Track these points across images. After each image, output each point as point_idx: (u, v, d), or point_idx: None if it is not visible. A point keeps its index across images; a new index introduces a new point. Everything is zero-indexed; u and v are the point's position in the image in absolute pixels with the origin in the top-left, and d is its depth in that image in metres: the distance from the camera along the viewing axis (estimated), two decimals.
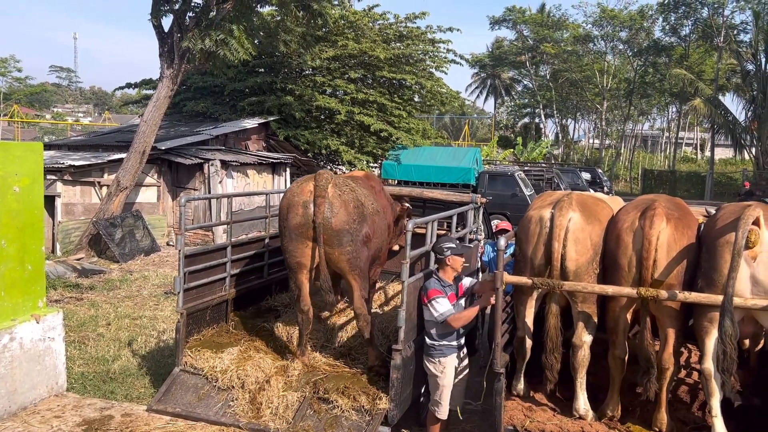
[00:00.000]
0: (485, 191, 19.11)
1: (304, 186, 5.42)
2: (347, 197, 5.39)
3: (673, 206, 4.76)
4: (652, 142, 62.49)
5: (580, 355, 4.83)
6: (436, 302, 4.81)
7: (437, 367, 4.93)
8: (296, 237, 5.37)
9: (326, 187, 5.29)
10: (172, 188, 15.58)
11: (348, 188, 5.48)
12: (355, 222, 5.35)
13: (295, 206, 5.35)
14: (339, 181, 5.48)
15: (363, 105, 20.08)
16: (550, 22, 47.25)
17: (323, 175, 5.45)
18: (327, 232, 5.23)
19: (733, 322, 4.05)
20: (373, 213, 5.75)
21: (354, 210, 5.38)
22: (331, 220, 5.24)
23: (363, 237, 5.43)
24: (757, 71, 33.83)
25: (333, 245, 5.29)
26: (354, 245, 5.35)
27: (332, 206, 5.26)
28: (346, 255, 5.33)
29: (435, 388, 4.99)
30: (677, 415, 4.92)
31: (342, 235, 5.29)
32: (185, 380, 5.59)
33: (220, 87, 19.95)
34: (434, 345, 4.93)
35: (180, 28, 13.13)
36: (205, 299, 6.05)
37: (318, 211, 5.19)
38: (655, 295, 4.33)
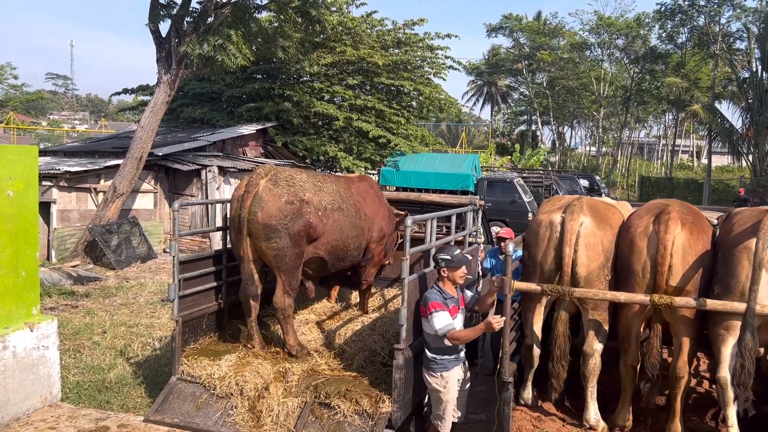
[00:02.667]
0: (484, 197, 19.00)
1: (244, 181, 5.60)
2: (280, 191, 5.41)
3: (686, 211, 4.65)
4: (648, 149, 62.58)
5: (591, 364, 4.70)
6: (435, 316, 4.57)
7: (440, 381, 4.73)
8: (233, 230, 5.63)
9: (257, 182, 5.41)
10: (169, 195, 15.43)
11: (286, 182, 5.49)
12: (285, 218, 5.37)
13: (233, 200, 5.61)
14: (278, 176, 5.53)
15: (361, 111, 19.97)
16: (546, 30, 47.35)
17: (258, 170, 5.60)
18: (253, 225, 5.36)
19: (754, 335, 3.93)
20: (331, 210, 5.74)
21: (286, 205, 5.38)
22: (258, 214, 5.32)
23: (295, 233, 5.42)
24: (753, 79, 33.92)
25: (260, 239, 5.41)
26: (282, 241, 5.38)
27: (260, 201, 5.34)
28: (272, 251, 5.42)
29: (438, 403, 4.80)
30: (690, 425, 4.79)
31: (269, 230, 5.35)
32: (183, 389, 5.43)
33: (218, 93, 19.84)
34: (435, 359, 4.72)
35: (178, 34, 13.02)
36: (201, 307, 5.90)
37: (244, 205, 5.35)
38: (669, 303, 4.20)
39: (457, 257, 4.70)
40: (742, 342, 3.96)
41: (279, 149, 19.10)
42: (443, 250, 4.84)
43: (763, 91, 32.16)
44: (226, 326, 6.31)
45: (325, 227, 5.71)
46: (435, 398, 4.83)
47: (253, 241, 5.46)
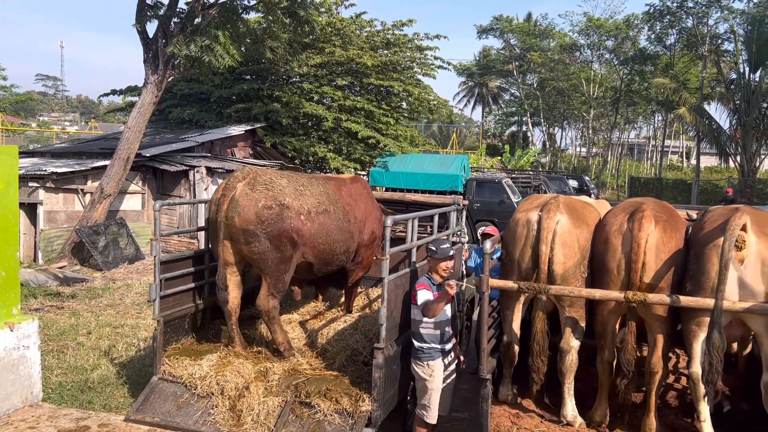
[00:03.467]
0: (473, 198, 19.11)
1: (222, 184, 5.57)
2: (257, 196, 5.36)
3: (660, 209, 4.71)
4: (638, 150, 62.92)
5: (568, 360, 4.75)
6: (419, 293, 4.78)
7: (426, 370, 4.84)
8: (212, 233, 5.61)
9: (234, 185, 5.38)
10: (157, 195, 15.39)
11: (264, 186, 5.42)
12: (263, 222, 5.32)
13: (211, 203, 5.60)
14: (257, 179, 5.48)
15: (350, 112, 20.00)
16: (536, 31, 47.56)
17: (237, 172, 5.57)
18: (231, 230, 5.34)
19: (721, 334, 4.00)
20: (316, 213, 5.69)
21: (264, 209, 5.33)
22: (234, 218, 5.30)
23: (275, 238, 5.37)
24: (740, 80, 34.19)
25: (240, 243, 5.39)
26: (262, 245, 5.34)
27: (237, 205, 5.30)
28: (253, 255, 5.40)
29: (423, 392, 4.89)
30: (666, 420, 4.85)
31: (247, 235, 5.32)
32: (164, 388, 5.44)
33: (207, 94, 19.81)
34: (422, 348, 4.84)
35: (165, 34, 13.02)
36: (183, 307, 5.91)
37: (220, 209, 5.34)
38: (643, 299, 4.25)
39: (441, 250, 4.86)
40: (710, 340, 4.02)
41: (268, 150, 19.10)
42: (435, 241, 5.08)
43: (749, 92, 32.44)
44: (208, 326, 6.33)
45: (310, 231, 5.64)
46: (421, 387, 4.92)
47: (234, 244, 5.45)
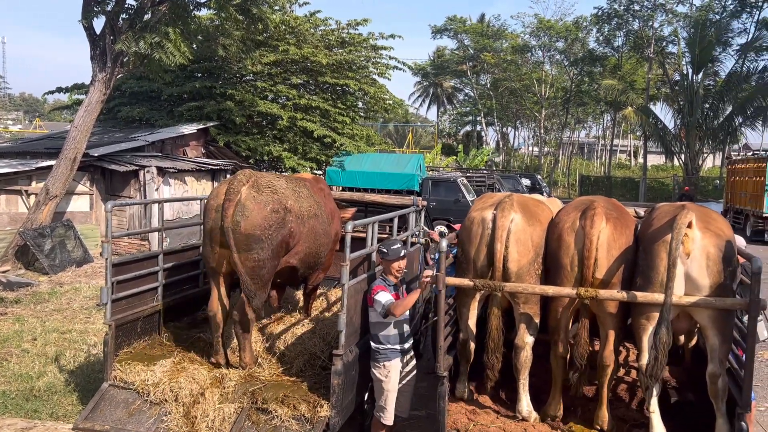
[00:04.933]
0: (429, 197, 19.24)
1: (221, 188, 5.28)
2: (264, 199, 5.17)
3: (611, 206, 4.83)
4: (588, 149, 64.53)
5: (523, 357, 4.82)
6: (378, 296, 4.78)
7: (382, 371, 4.86)
8: (209, 241, 5.29)
9: (239, 189, 5.13)
10: (106, 196, 14.96)
11: (269, 189, 5.25)
12: (270, 227, 5.14)
13: (209, 210, 5.29)
14: (260, 182, 5.27)
15: (306, 111, 19.85)
16: (489, 32, 48.26)
17: (239, 176, 5.29)
18: (235, 235, 5.06)
19: (668, 330, 4.12)
20: (308, 217, 5.58)
21: (271, 214, 5.16)
22: (241, 223, 5.06)
23: (277, 244, 5.22)
24: (684, 82, 35.44)
25: (239, 249, 5.12)
26: (263, 253, 5.13)
27: (244, 209, 5.07)
28: (250, 262, 5.13)
29: (380, 393, 4.90)
30: (617, 413, 4.96)
31: (252, 240, 5.08)
32: (115, 395, 5.28)
33: (157, 92, 19.34)
34: (379, 349, 4.87)
35: (113, 31, 12.65)
36: (135, 310, 5.75)
37: (226, 214, 5.03)
38: (594, 295, 4.35)
39: (392, 251, 4.90)
40: (657, 335, 4.14)
41: (221, 149, 18.79)
42: (386, 243, 5.04)
43: (692, 93, 33.67)
44: (162, 329, 6.18)
45: (302, 235, 5.54)
46: (378, 388, 4.93)
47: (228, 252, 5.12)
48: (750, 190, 22.29)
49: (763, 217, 20.54)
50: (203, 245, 5.44)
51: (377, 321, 4.86)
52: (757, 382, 7.59)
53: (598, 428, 4.69)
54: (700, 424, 4.61)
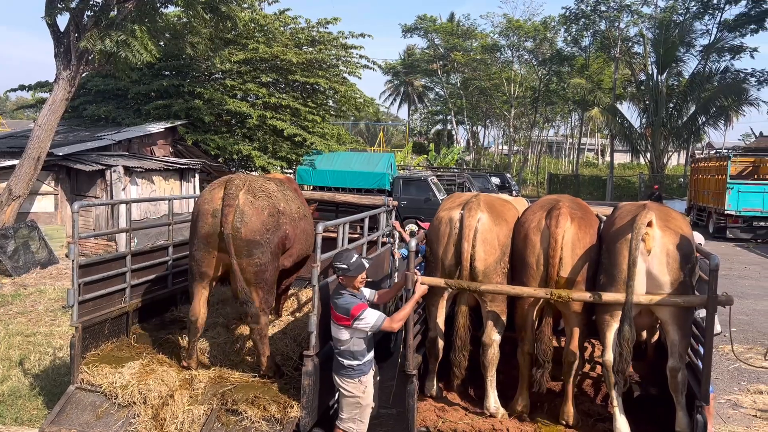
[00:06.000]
0: (399, 196, 19.33)
1: (216, 193, 5.20)
2: (261, 204, 5.15)
3: (576, 206, 4.93)
4: (556, 147, 65.40)
5: (490, 354, 4.90)
6: (366, 316, 4.47)
7: (358, 387, 4.63)
8: (204, 246, 5.19)
9: (237, 195, 5.06)
10: (72, 196, 14.69)
11: (264, 194, 5.23)
12: (268, 231, 5.12)
13: (204, 214, 5.16)
14: (254, 186, 5.23)
15: (276, 109, 19.76)
16: (459, 32, 48.59)
17: (234, 180, 5.20)
18: (235, 242, 5.01)
19: (631, 327, 4.24)
20: (299, 218, 5.59)
21: (269, 218, 5.14)
22: (241, 229, 5.02)
23: (275, 247, 5.21)
24: (649, 81, 36.18)
25: (241, 255, 5.07)
26: (264, 256, 5.11)
27: (243, 215, 5.03)
28: (253, 267, 5.11)
29: (355, 408, 4.68)
30: (582, 407, 5.08)
31: (252, 246, 5.06)
32: (82, 398, 5.22)
33: (124, 90, 19.05)
34: (353, 366, 4.60)
35: (77, 28, 12.43)
36: (103, 312, 5.69)
37: (225, 220, 4.98)
38: (567, 297, 4.44)
39: (353, 265, 4.58)
40: (621, 333, 4.26)
41: (189, 148, 18.59)
42: (340, 257, 4.66)
43: (657, 93, 34.38)
44: (130, 331, 6.12)
45: (296, 237, 5.53)
46: (351, 403, 4.69)
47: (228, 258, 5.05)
48: (712, 188, 22.86)
49: (725, 214, 21.09)
50: (196, 249, 5.28)
51: (347, 338, 4.57)
52: (717, 375, 7.83)
53: (563, 423, 4.80)
54: (662, 417, 4.75)
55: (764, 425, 6.46)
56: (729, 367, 8.22)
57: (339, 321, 4.58)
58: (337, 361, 4.67)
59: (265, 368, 5.32)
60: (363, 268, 4.64)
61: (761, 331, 9.45)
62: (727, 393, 7.31)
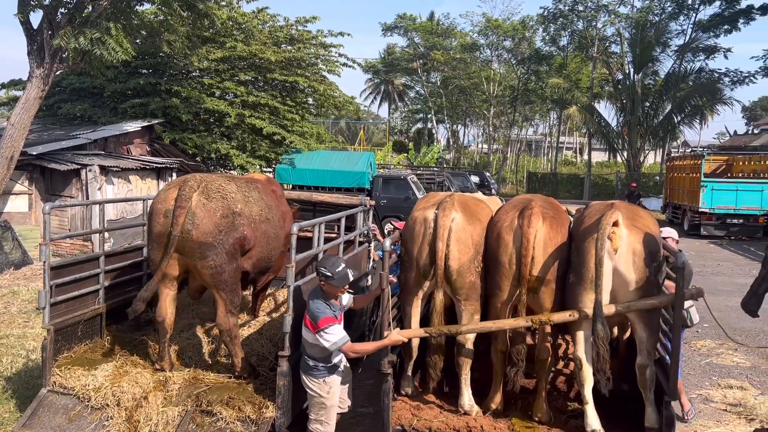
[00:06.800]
0: (379, 195, 19.36)
1: (170, 192, 5.17)
2: (214, 205, 5.11)
3: (548, 205, 5.00)
4: (535, 146, 65.88)
5: (464, 352, 4.94)
6: (329, 331, 4.47)
7: (323, 387, 4.66)
8: (157, 246, 5.17)
9: (190, 196, 5.03)
10: (46, 196, 14.50)
11: (219, 195, 5.18)
12: (221, 233, 5.08)
13: (156, 214, 5.16)
14: (210, 187, 5.19)
15: (254, 108, 19.63)
16: (439, 30, 48.70)
17: (190, 181, 5.17)
18: (187, 244, 4.99)
19: (604, 325, 4.30)
20: (260, 220, 5.55)
21: (222, 220, 5.10)
22: (192, 231, 4.98)
23: (230, 248, 5.16)
24: (626, 81, 36.62)
25: (194, 258, 5.06)
26: (219, 258, 5.08)
27: (194, 217, 5.00)
28: (208, 269, 5.09)
29: (320, 408, 4.72)
30: (555, 404, 5.15)
31: (204, 248, 5.03)
32: (54, 401, 5.17)
33: (99, 88, 18.79)
34: (318, 366, 4.66)
35: (51, 25, 12.25)
36: (76, 313, 5.63)
37: (176, 222, 4.95)
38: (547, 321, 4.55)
39: (338, 275, 4.53)
40: (595, 332, 4.32)
41: (167, 147, 18.40)
42: (327, 262, 4.64)
43: (634, 92, 34.82)
44: (104, 333, 6.07)
45: (255, 240, 5.49)
46: (317, 403, 4.73)
47: (185, 259, 5.09)
48: (687, 186, 23.23)
49: (699, 211, 21.43)
50: (150, 249, 5.30)
51: (314, 342, 4.58)
52: (689, 370, 7.98)
53: (537, 420, 4.86)
54: (633, 412, 4.83)
55: (734, 419, 6.60)
56: (701, 363, 8.38)
57: (306, 323, 4.60)
58: (304, 359, 4.72)
59: (239, 369, 5.31)
60: (346, 281, 4.60)
61: (733, 327, 9.63)
62: (698, 388, 7.45)
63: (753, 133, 40.12)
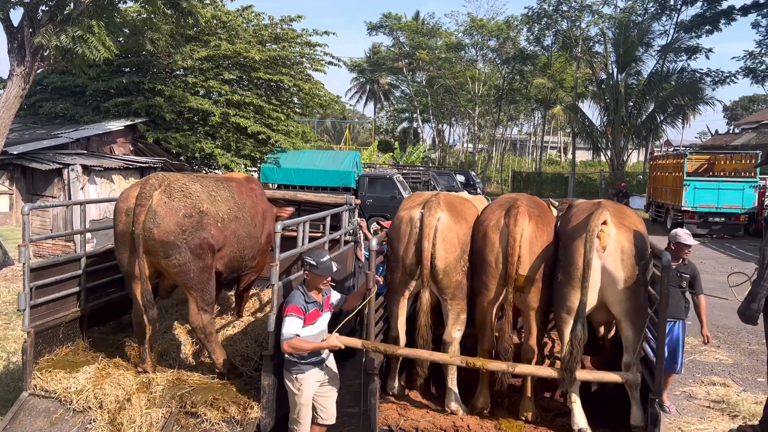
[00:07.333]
0: (365, 194, 19.34)
1: (132, 191, 5.14)
2: (177, 204, 5.04)
3: (533, 204, 5.00)
4: (520, 145, 66.16)
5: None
6: (286, 320, 4.55)
7: (294, 384, 4.69)
8: (122, 245, 5.15)
9: (150, 194, 4.97)
10: (27, 196, 14.31)
11: (182, 194, 5.11)
12: (185, 233, 5.02)
13: (119, 213, 5.12)
14: (173, 186, 5.13)
15: (239, 107, 19.51)
16: (424, 30, 48.74)
17: (151, 179, 5.12)
18: (149, 242, 4.95)
19: (584, 326, 4.34)
20: (229, 219, 5.49)
21: (184, 219, 5.03)
22: (153, 230, 4.93)
23: (196, 248, 5.10)
24: (610, 80, 36.87)
25: (158, 256, 5.02)
26: (183, 257, 5.03)
27: (155, 215, 4.94)
28: (173, 268, 5.05)
29: (293, 406, 4.75)
30: (541, 403, 5.16)
31: (167, 247, 4.98)
32: (35, 405, 5.09)
33: (82, 87, 18.56)
34: (290, 360, 4.69)
35: (32, 23, 12.09)
36: (57, 315, 5.54)
37: (137, 220, 4.90)
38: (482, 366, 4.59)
39: (322, 265, 4.64)
40: (574, 332, 4.34)
41: (150, 146, 18.24)
42: (313, 252, 4.77)
43: (618, 91, 35.05)
44: (86, 335, 5.98)
45: (225, 239, 5.43)
46: (291, 401, 4.76)
47: (150, 258, 5.04)
48: (670, 184, 23.43)
49: (682, 210, 21.64)
50: (116, 249, 5.27)
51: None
52: None
53: (523, 419, 4.86)
54: (619, 411, 4.84)
55: (717, 416, 6.66)
56: (684, 360, 8.43)
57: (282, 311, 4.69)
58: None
59: (220, 367, 5.29)
60: (328, 272, 4.68)
61: (715, 324, 9.73)
62: (682, 385, 7.51)
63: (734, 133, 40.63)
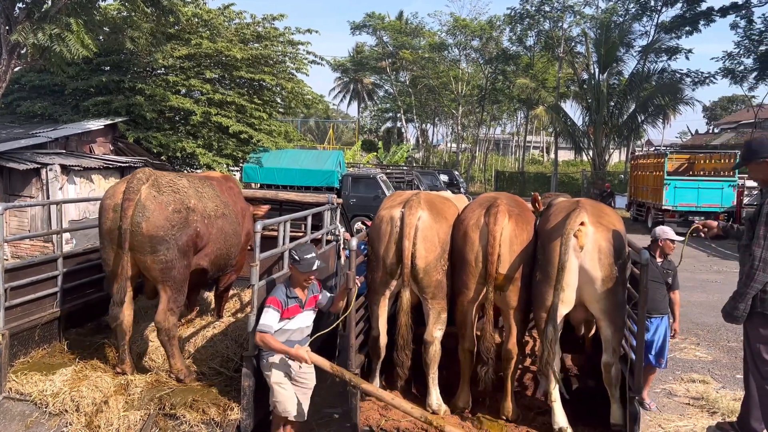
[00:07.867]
0: (348, 194, 19.30)
1: (119, 187, 5.08)
2: (165, 199, 5.01)
3: (513, 203, 5.02)
4: (503, 145, 66.54)
5: (432, 351, 4.93)
6: (265, 311, 4.60)
7: (265, 364, 4.72)
8: (108, 243, 5.06)
9: (138, 188, 4.93)
10: (4, 196, 14.05)
11: (170, 189, 5.08)
12: (173, 228, 4.99)
13: (105, 210, 5.05)
14: (161, 181, 5.10)
15: (221, 106, 19.36)
16: (408, 29, 48.80)
17: (138, 174, 5.08)
18: (137, 238, 4.89)
19: (555, 329, 4.37)
20: (215, 216, 5.45)
21: (173, 214, 5.01)
22: (142, 224, 4.89)
23: (183, 244, 5.07)
24: (591, 81, 37.17)
25: (144, 252, 4.95)
26: (170, 253, 4.98)
27: (144, 210, 4.91)
28: (158, 264, 4.99)
29: (270, 391, 4.76)
30: (522, 401, 5.18)
31: (156, 242, 4.93)
32: (10, 408, 4.99)
33: (61, 86, 18.31)
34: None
35: (8, 20, 11.91)
36: (32, 317, 5.46)
37: (125, 215, 4.84)
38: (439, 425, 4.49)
39: (305, 261, 4.67)
40: (545, 333, 4.36)
41: (131, 146, 18.03)
42: (300, 247, 4.82)
43: (599, 91, 35.35)
44: (62, 337, 5.89)
45: (211, 236, 5.38)
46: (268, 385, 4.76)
47: (135, 255, 4.96)
48: (651, 184, 23.66)
49: (663, 209, 21.86)
50: (102, 247, 5.17)
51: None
52: None
53: (504, 418, 4.87)
54: (599, 409, 4.87)
55: (697, 412, 6.72)
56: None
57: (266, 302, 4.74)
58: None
59: (175, 371, 5.22)
60: (308, 269, 4.69)
61: (695, 322, 9.83)
62: (662, 382, 7.57)
63: (713, 132, 41.22)
